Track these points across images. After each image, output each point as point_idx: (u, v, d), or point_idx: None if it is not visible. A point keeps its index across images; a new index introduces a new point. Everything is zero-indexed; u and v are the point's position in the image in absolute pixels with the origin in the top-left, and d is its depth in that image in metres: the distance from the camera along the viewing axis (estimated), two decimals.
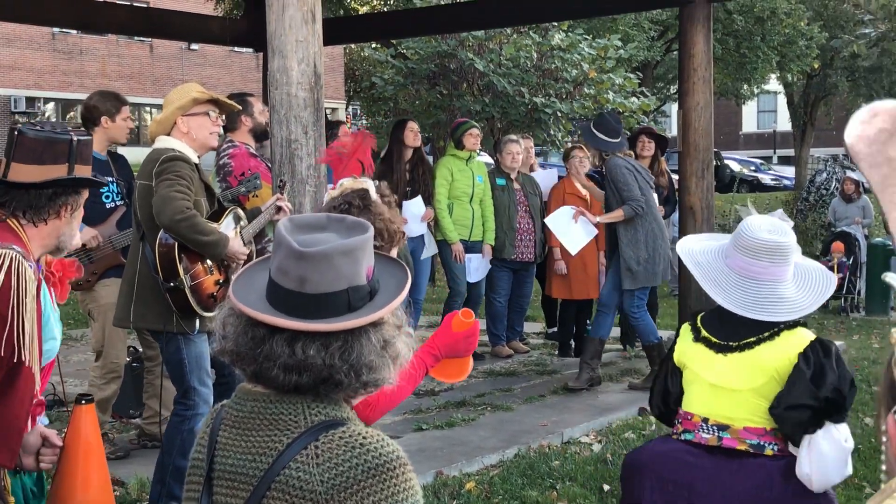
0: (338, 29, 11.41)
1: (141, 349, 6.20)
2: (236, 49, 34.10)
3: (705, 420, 3.21)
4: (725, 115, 42.12)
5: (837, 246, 12.73)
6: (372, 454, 1.67)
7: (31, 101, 33.49)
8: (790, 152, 36.23)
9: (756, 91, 31.32)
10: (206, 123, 4.68)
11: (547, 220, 8.28)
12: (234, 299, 1.75)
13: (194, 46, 35.41)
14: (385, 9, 21.79)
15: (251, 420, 1.75)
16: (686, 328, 3.35)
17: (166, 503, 4.57)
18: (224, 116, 4.94)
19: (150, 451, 5.68)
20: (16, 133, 2.83)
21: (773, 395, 3.15)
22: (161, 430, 5.33)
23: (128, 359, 6.27)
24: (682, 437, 3.26)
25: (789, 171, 33.91)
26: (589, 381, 7.53)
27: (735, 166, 33.72)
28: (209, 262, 4.58)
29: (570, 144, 10.71)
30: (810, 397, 3.06)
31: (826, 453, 3.05)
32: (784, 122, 40.30)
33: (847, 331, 10.85)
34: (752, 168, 35.34)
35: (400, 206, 7.92)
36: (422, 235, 8.14)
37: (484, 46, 15.18)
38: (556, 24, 15.44)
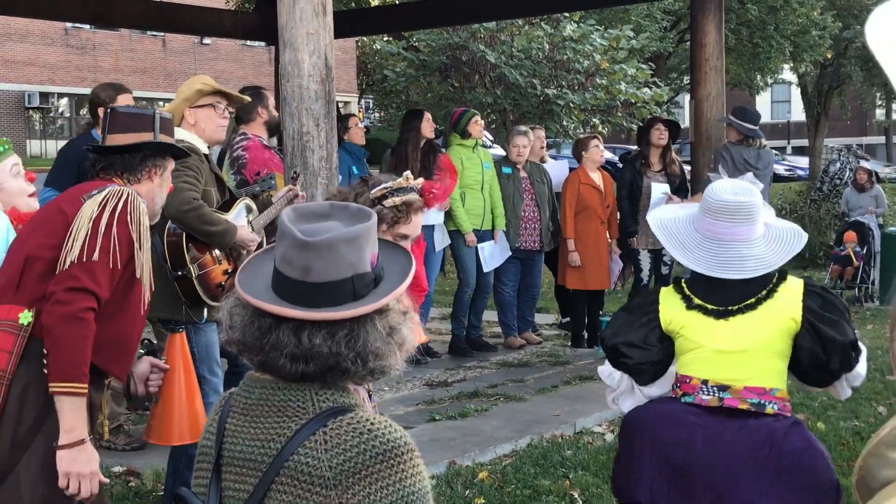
0: (349, 21, 11.42)
1: (155, 341, 6.22)
2: (248, 43, 34.18)
3: (705, 382, 3.23)
4: (739, 105, 41.89)
5: (850, 235, 12.68)
6: (380, 440, 1.68)
7: (44, 96, 33.65)
8: (804, 142, 36.09)
9: (770, 81, 31.21)
10: (212, 115, 4.67)
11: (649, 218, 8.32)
12: (239, 290, 1.76)
13: (207, 41, 35.47)
14: (396, 1, 21.78)
15: (259, 407, 1.77)
16: (671, 295, 3.33)
17: None
18: (234, 109, 4.94)
19: None
20: (108, 111, 3.36)
21: (781, 351, 3.20)
22: None
23: (142, 350, 6.30)
24: (682, 400, 3.27)
25: (803, 161, 33.75)
26: None
27: None
28: (217, 251, 4.59)
29: (582, 135, 10.67)
30: (836, 346, 3.14)
31: (860, 374, 3.26)
32: (798, 112, 40.13)
33: (861, 321, 10.81)
34: None
35: None
36: (432, 226, 8.13)
37: (495, 38, 15.17)
38: (567, 14, 15.41)
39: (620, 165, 9.31)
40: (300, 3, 5.05)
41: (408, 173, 3.05)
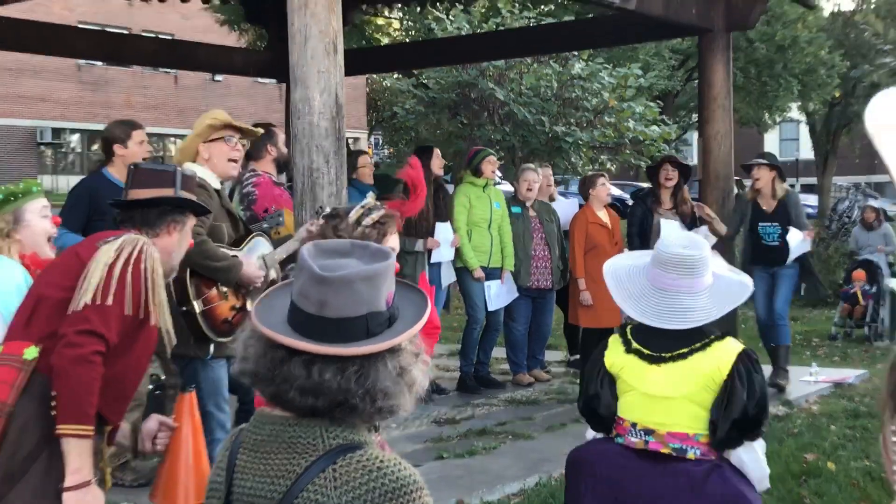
0: (360, 59, 11.52)
1: (164, 377, 6.23)
2: (260, 80, 34.38)
3: (634, 425, 3.36)
4: (748, 144, 41.99)
5: (859, 274, 12.64)
6: (389, 477, 1.68)
7: (57, 132, 33.89)
8: (813, 180, 36.12)
9: (778, 119, 31.27)
10: (224, 149, 4.71)
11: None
12: (255, 321, 1.78)
13: (218, 77, 35.75)
14: (406, 39, 21.96)
15: (270, 443, 1.77)
16: (616, 340, 3.48)
17: None
18: (247, 143, 4.98)
19: None
20: (131, 168, 3.47)
21: (704, 402, 3.29)
22: None
23: (150, 386, 6.30)
24: (616, 440, 3.42)
25: (812, 200, 33.74)
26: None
27: None
28: (224, 287, 4.60)
29: (590, 172, 10.71)
30: (741, 413, 3.23)
31: (746, 462, 3.30)
32: (807, 151, 40.20)
33: (871, 359, 10.76)
34: None
35: (432, 231, 7.96)
36: (439, 264, 8.15)
37: (504, 76, 15.26)
38: (576, 53, 15.51)
39: (631, 203, 9.35)
40: (311, 42, 5.10)
41: (370, 195, 3.20)
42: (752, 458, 3.30)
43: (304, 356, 1.73)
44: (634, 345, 3.40)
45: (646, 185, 9.11)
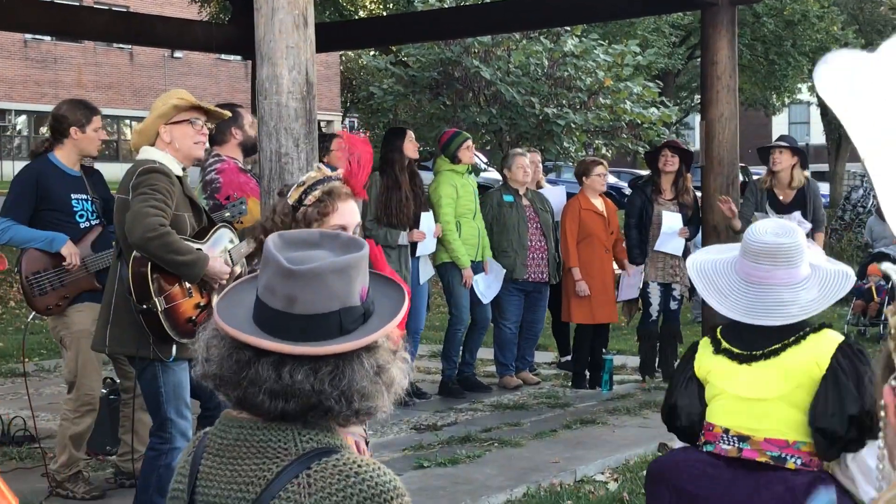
0: (333, 34, 11.50)
1: (118, 380, 6.22)
2: (223, 57, 34.29)
3: (726, 431, 3.29)
4: (754, 127, 42.19)
5: (874, 268, 12.73)
6: (367, 483, 1.69)
7: (0, 113, 33.67)
8: (824, 167, 36.30)
9: (787, 101, 31.40)
10: (189, 132, 4.71)
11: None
12: (218, 319, 1.78)
13: (178, 54, 35.61)
14: (384, 13, 21.93)
15: (237, 448, 1.78)
16: (705, 341, 3.44)
17: None
18: (212, 127, 4.97)
19: (127, 490, 5.68)
20: None
21: (802, 403, 3.22)
22: (136, 467, 5.35)
23: (104, 390, 6.29)
24: (704, 448, 3.34)
25: (824, 188, 33.91)
26: None
27: None
28: (188, 283, 4.59)
29: (585, 158, 10.74)
30: (853, 403, 3.12)
31: (870, 467, 3.11)
32: (818, 135, 40.35)
33: None
34: None
35: (416, 220, 7.93)
36: (418, 258, 8.14)
37: (491, 53, 15.27)
38: (568, 28, 15.53)
39: (629, 191, 9.39)
40: (279, 14, 5.09)
41: (319, 165, 3.13)
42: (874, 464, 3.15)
43: (272, 357, 1.73)
44: (724, 344, 3.34)
45: (644, 172, 9.15)
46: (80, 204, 5.76)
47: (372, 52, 20.08)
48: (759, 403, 3.24)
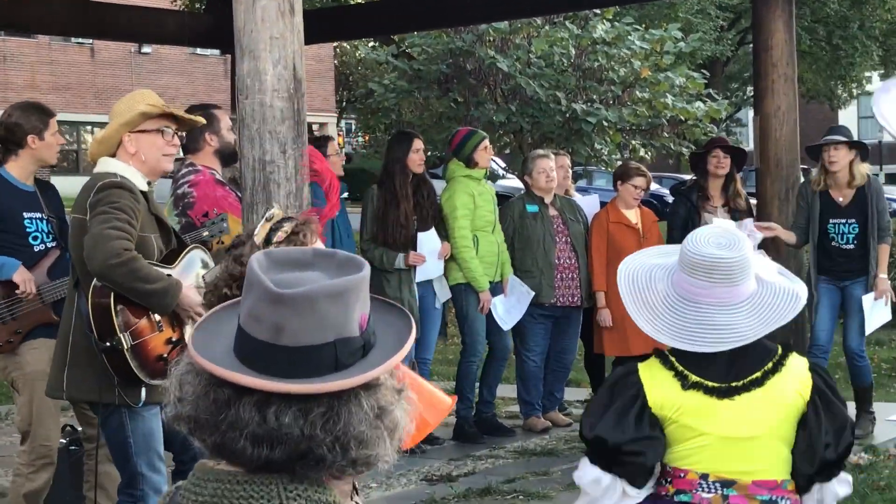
0: (324, 23, 11.53)
1: (79, 427, 6.22)
2: (199, 51, 34.46)
3: (704, 476, 3.27)
4: (817, 123, 42.11)
5: None
6: None
7: None
8: None
9: (855, 92, 31.39)
10: (158, 143, 4.71)
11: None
12: (192, 352, 1.77)
13: (146, 49, 35.78)
14: None
15: None
16: (656, 370, 3.34)
17: None
18: (183, 134, 4.98)
19: None
20: None
21: (788, 437, 3.27)
22: None
23: (63, 441, 6.28)
24: (676, 499, 3.31)
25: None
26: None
27: None
28: (157, 315, 4.59)
29: (622, 162, 10.73)
30: (833, 438, 3.24)
31: (841, 495, 3.31)
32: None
33: None
34: None
35: (414, 241, 7.95)
36: (430, 281, 8.14)
37: (508, 42, 15.30)
38: (598, 11, 15.55)
39: (671, 199, 9.36)
40: (262, 1, 5.11)
41: (274, 210, 3.19)
42: (846, 488, 3.32)
43: (256, 395, 1.72)
44: (692, 378, 3.30)
45: (688, 176, 9.12)
46: (34, 224, 5.77)
47: (371, 43, 20.14)
48: (748, 443, 3.27)
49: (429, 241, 8.05)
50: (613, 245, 8.52)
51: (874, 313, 8.11)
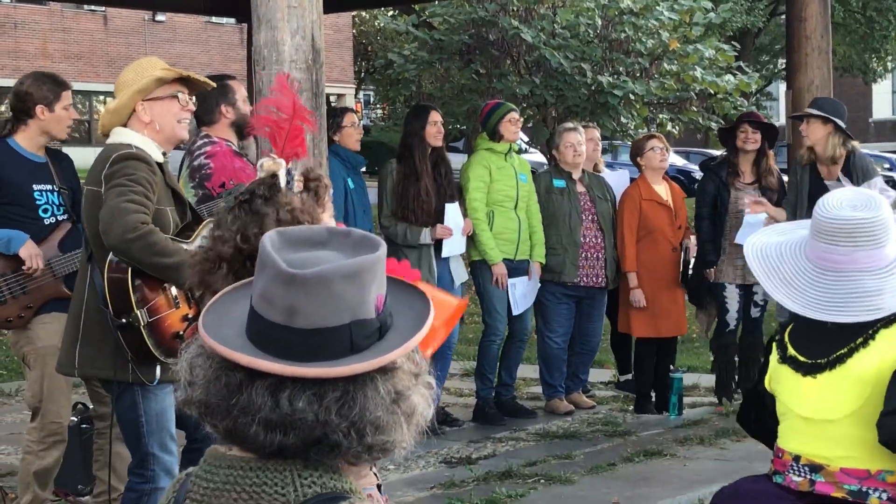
0: None
1: (91, 405, 6.24)
2: (214, 20, 34.45)
3: (796, 459, 3.25)
4: (851, 98, 41.93)
5: None
6: None
7: None
8: None
9: (890, 66, 31.19)
10: (173, 109, 4.70)
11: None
12: (204, 334, 1.76)
13: (160, 17, 35.78)
14: None
15: (225, 493, 1.76)
16: (773, 346, 3.38)
17: None
18: (196, 102, 4.96)
19: None
20: None
21: (875, 419, 3.15)
22: None
23: (74, 418, 6.30)
24: (774, 480, 3.32)
25: None
26: None
27: None
28: (174, 291, 4.59)
29: (637, 137, 10.68)
30: None
31: None
32: None
33: None
34: (887, 166, 35.16)
35: (437, 215, 7.93)
36: (448, 258, 8.12)
37: (533, 11, 15.23)
38: None
39: (699, 175, 9.31)
40: None
41: (264, 160, 2.94)
42: None
43: (268, 379, 1.71)
44: (790, 350, 3.27)
45: (718, 152, 9.08)
46: (43, 196, 5.78)
47: (390, 13, 20.09)
48: (827, 426, 3.21)
49: (454, 214, 8.04)
50: (645, 224, 8.50)
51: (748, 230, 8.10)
